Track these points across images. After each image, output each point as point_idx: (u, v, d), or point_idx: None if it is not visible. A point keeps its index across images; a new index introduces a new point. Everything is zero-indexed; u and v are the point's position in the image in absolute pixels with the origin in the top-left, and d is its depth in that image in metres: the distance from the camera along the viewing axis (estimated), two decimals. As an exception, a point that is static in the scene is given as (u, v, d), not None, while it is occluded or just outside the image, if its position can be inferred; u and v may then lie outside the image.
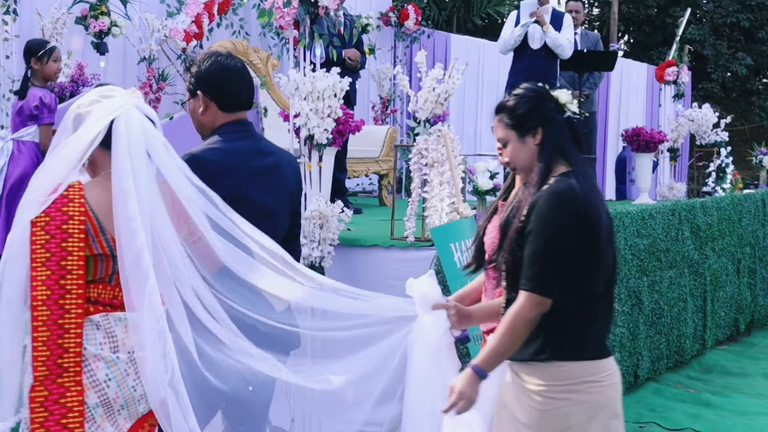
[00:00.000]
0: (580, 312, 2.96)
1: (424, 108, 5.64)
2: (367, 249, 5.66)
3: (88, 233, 2.86)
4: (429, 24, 13.46)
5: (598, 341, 3.00)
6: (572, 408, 2.91)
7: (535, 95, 3.09)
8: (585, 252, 2.92)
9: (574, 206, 2.90)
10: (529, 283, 2.92)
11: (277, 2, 5.41)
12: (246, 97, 3.60)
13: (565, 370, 2.93)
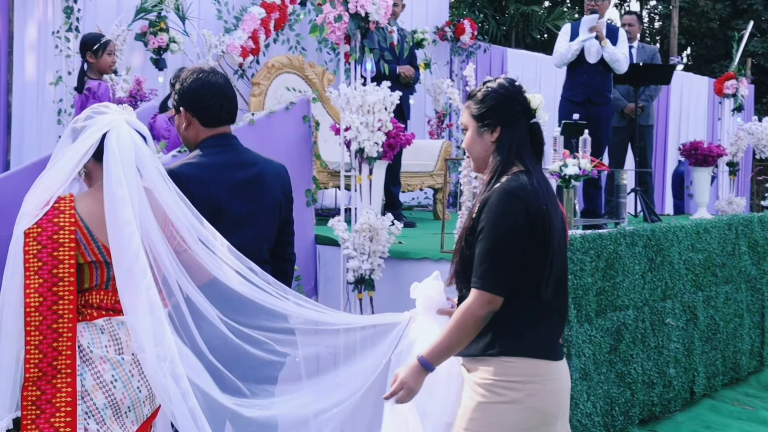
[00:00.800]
0: (531, 310, 2.95)
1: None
2: (416, 262, 5.68)
3: (80, 242, 3.03)
4: (485, 39, 13.43)
5: (548, 341, 2.98)
6: (509, 405, 2.90)
7: (505, 93, 3.06)
8: (536, 251, 2.92)
9: (525, 205, 2.90)
10: (480, 281, 2.92)
11: (329, 17, 5.47)
12: (227, 113, 3.67)
13: (511, 365, 2.92)
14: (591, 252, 5.67)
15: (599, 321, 5.74)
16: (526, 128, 3.05)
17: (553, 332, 3.01)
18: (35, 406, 2.95)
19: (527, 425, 2.91)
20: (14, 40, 7.58)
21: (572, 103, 7.94)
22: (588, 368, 5.58)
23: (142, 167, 3.11)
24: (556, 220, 2.95)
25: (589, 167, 5.87)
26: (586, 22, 7.98)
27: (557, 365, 2.97)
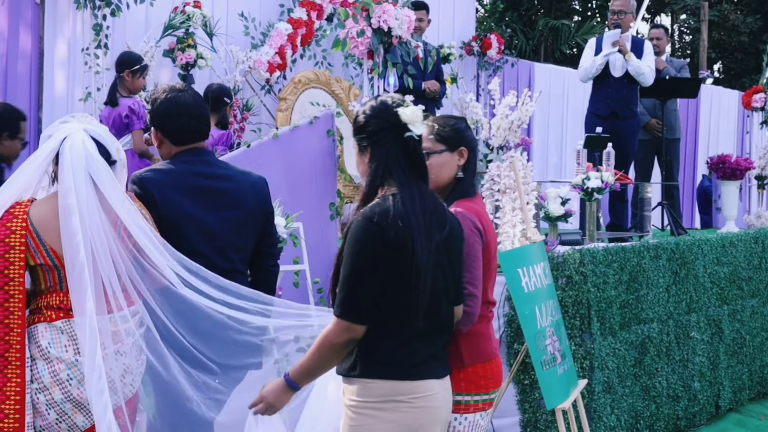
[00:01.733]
0: (394, 333, 2.91)
1: (497, 135, 5.69)
2: (439, 274, 5.69)
3: (29, 246, 3.22)
4: (513, 53, 13.46)
5: (411, 362, 2.91)
6: (378, 425, 2.88)
7: (371, 113, 2.98)
8: (400, 278, 2.86)
9: (384, 232, 2.83)
10: (338, 309, 2.89)
11: (351, 32, 5.53)
12: (195, 131, 3.71)
13: (373, 386, 2.89)
14: (614, 265, 5.66)
15: (623, 334, 5.73)
16: (398, 144, 2.93)
17: (416, 353, 2.94)
18: None
19: None
20: (44, 56, 7.69)
21: (597, 117, 7.93)
22: (612, 381, 5.57)
23: (94, 174, 3.26)
24: (423, 243, 2.87)
25: (612, 180, 5.87)
26: (609, 37, 7.98)
27: (421, 384, 2.92)
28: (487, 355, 3.33)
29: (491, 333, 3.41)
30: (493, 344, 3.40)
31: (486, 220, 3.36)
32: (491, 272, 3.40)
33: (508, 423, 5.49)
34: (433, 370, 2.97)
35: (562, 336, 4.77)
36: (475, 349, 3.30)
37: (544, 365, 4.47)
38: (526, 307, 4.48)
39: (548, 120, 12.96)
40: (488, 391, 3.32)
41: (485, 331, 3.36)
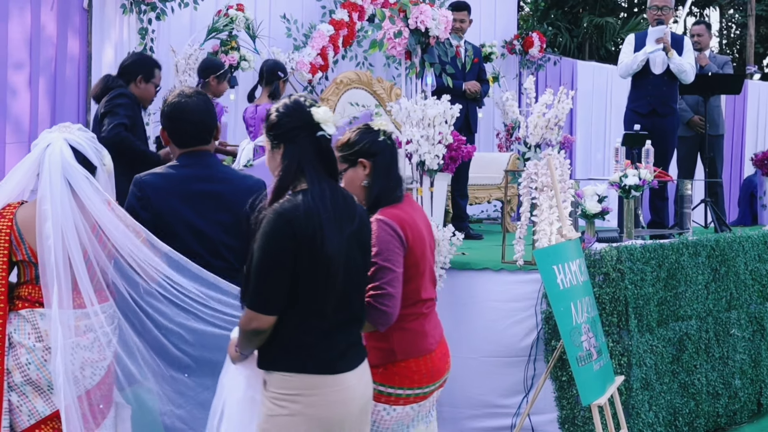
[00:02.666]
0: (309, 327, 3.00)
1: (534, 133, 5.72)
2: (478, 272, 5.75)
3: (12, 243, 3.57)
4: (555, 51, 13.45)
5: (328, 356, 3.01)
6: (292, 418, 2.97)
7: (284, 111, 3.08)
8: (311, 271, 2.96)
9: (292, 227, 2.93)
10: (247, 299, 3.01)
11: (389, 33, 5.61)
12: (192, 136, 3.84)
13: (288, 380, 2.99)
14: (652, 262, 5.68)
15: (661, 331, 5.74)
16: (311, 143, 3.03)
17: (331, 348, 3.04)
18: None
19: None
20: (92, 60, 7.86)
21: (637, 114, 7.92)
22: (649, 378, 5.59)
23: (72, 180, 3.53)
24: (333, 237, 2.97)
25: (650, 177, 5.88)
26: (653, 33, 7.96)
27: (335, 378, 3.02)
28: (420, 351, 3.47)
29: (427, 330, 3.54)
30: (428, 341, 3.53)
31: (409, 224, 3.48)
32: (421, 273, 3.53)
33: (546, 420, 5.54)
34: (349, 361, 3.08)
35: (598, 332, 4.82)
36: (407, 345, 3.45)
37: (579, 361, 4.53)
38: (562, 304, 4.54)
39: (591, 117, 12.94)
40: (422, 386, 3.48)
41: (419, 329, 3.50)
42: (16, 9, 7.43)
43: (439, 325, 3.68)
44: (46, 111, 7.62)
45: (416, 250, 3.48)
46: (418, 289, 3.52)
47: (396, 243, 3.40)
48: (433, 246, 3.66)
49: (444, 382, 3.66)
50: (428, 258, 3.60)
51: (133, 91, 5.93)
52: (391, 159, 3.56)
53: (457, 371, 5.70)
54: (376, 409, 3.46)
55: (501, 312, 5.64)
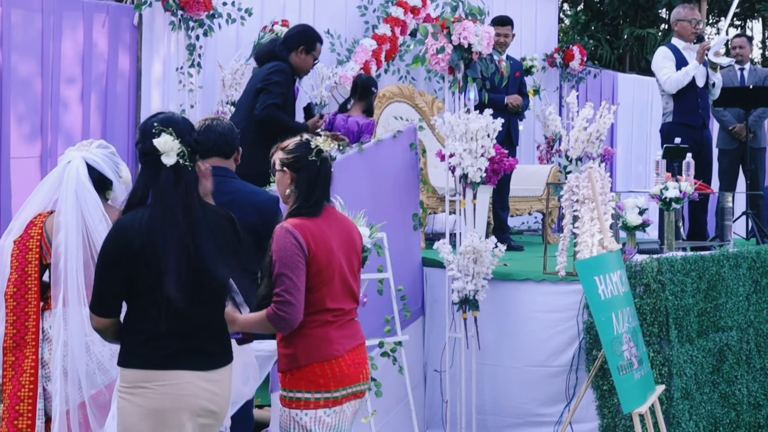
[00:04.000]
0: (143, 328, 3.27)
1: (575, 147, 5.82)
2: (519, 283, 5.86)
3: (42, 248, 4.12)
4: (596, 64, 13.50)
5: (158, 354, 3.27)
6: (131, 408, 3.26)
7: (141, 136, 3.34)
8: (144, 281, 3.22)
9: (127, 240, 3.21)
10: (90, 301, 3.37)
11: (432, 49, 5.73)
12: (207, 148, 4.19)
13: (126, 374, 3.30)
14: (692, 273, 5.75)
15: (701, 341, 5.81)
16: (158, 168, 3.29)
17: (165, 346, 3.27)
18: (12, 369, 4.07)
19: (145, 425, 3.25)
20: (142, 76, 8.06)
21: (691, 128, 7.89)
22: (689, 388, 5.66)
23: (81, 198, 4.05)
24: (169, 253, 3.21)
25: (690, 190, 5.95)
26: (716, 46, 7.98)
27: (167, 374, 3.27)
28: (324, 356, 3.64)
29: (333, 337, 3.69)
30: (334, 347, 3.67)
31: (314, 234, 3.65)
32: (326, 282, 3.68)
33: (588, 428, 5.64)
34: (187, 362, 3.30)
35: (639, 342, 4.90)
36: (310, 351, 3.64)
37: (620, 370, 4.62)
38: (603, 314, 4.64)
39: (632, 130, 12.97)
40: (329, 390, 3.64)
41: (324, 335, 3.66)
42: (69, 27, 7.65)
43: (355, 336, 3.80)
44: (97, 124, 7.83)
45: (320, 259, 3.65)
46: (324, 298, 3.68)
47: (296, 251, 3.59)
48: (352, 259, 3.82)
49: (360, 392, 3.79)
50: (340, 269, 3.74)
51: (292, 60, 6.38)
52: (316, 177, 3.74)
53: (500, 380, 5.83)
54: (290, 415, 3.66)
55: (543, 322, 5.74)
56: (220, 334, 3.45)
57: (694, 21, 8.04)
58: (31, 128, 7.43)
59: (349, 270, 3.78)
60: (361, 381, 3.75)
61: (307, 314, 3.63)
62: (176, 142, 3.27)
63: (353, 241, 3.85)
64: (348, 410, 3.73)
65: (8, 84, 7.26)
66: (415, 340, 6.19)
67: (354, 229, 3.92)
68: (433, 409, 6.19)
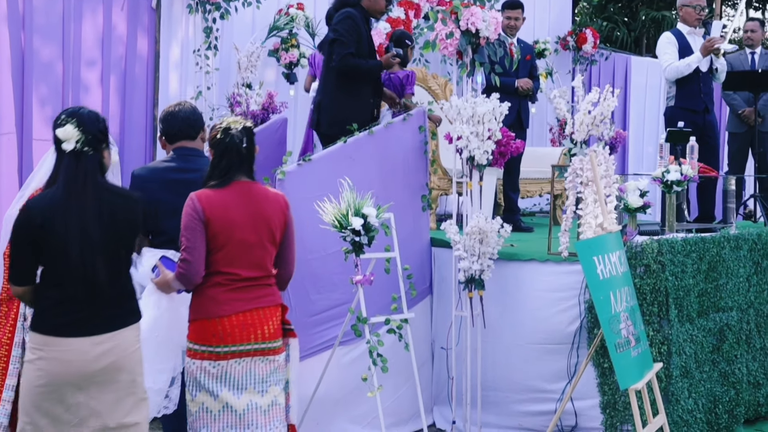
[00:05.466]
0: (49, 296, 3.69)
1: (580, 130, 5.96)
2: (524, 263, 6.01)
3: None
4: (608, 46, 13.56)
5: (56, 322, 3.67)
6: (32, 367, 3.68)
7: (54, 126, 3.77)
8: (49, 253, 3.64)
9: (31, 217, 3.64)
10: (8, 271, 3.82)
11: (441, 34, 5.87)
12: (178, 131, 4.80)
13: (31, 336, 3.72)
14: (693, 255, 5.89)
15: (701, 321, 5.95)
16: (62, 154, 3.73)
17: (63, 315, 3.68)
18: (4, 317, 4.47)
19: (39, 382, 3.65)
20: (160, 59, 8.25)
21: (692, 113, 8.03)
22: (689, 366, 5.81)
23: None
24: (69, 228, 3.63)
25: (692, 173, 6.08)
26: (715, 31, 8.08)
27: (65, 341, 3.66)
28: (209, 314, 4.09)
29: (222, 299, 4.12)
30: (222, 308, 4.11)
31: (214, 202, 4.12)
32: (221, 247, 4.12)
33: (589, 405, 5.80)
34: (80, 329, 3.69)
35: (636, 321, 5.05)
36: (198, 308, 4.14)
37: (618, 348, 4.78)
38: (601, 293, 4.79)
39: (644, 112, 13.05)
40: (211, 344, 4.08)
41: (215, 296, 4.12)
42: (88, 10, 7.84)
43: (254, 301, 4.19)
44: (116, 106, 8.03)
45: (215, 225, 4.09)
46: (218, 261, 4.12)
47: (194, 215, 4.09)
48: (261, 231, 4.20)
49: (255, 351, 4.15)
50: (240, 238, 4.15)
51: (363, 3, 6.59)
52: (222, 152, 4.22)
53: (504, 357, 6.00)
54: (187, 362, 4.18)
55: (546, 301, 5.90)
56: (118, 299, 3.81)
57: (699, 7, 8.14)
58: (53, 111, 7.61)
59: (257, 241, 4.18)
60: (252, 341, 4.13)
61: (204, 275, 4.12)
62: (76, 131, 3.71)
63: (265, 215, 4.22)
64: (238, 365, 4.13)
65: (30, 67, 7.47)
66: (423, 319, 6.36)
67: (273, 204, 4.28)
68: (440, 386, 6.36)
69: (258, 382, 4.18)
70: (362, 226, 4.96)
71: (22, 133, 7.41)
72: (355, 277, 5.13)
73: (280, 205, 4.31)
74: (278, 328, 4.26)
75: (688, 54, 8.13)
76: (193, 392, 4.15)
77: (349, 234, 4.98)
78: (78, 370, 3.68)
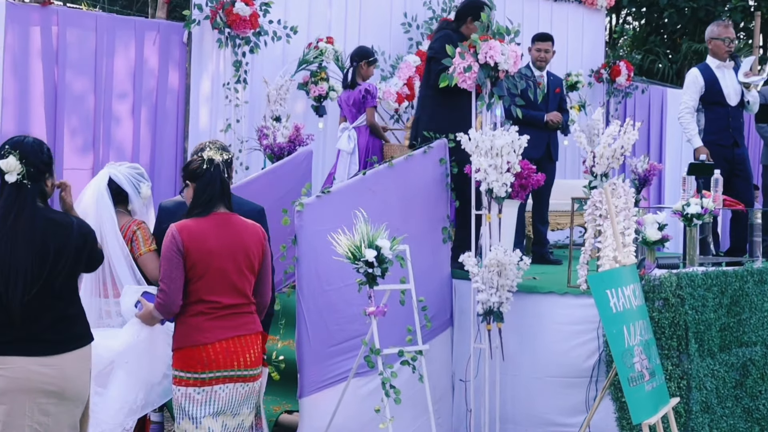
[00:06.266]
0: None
1: (600, 163, 5.95)
2: (544, 295, 5.99)
3: None
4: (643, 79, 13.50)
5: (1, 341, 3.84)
6: None
7: None
8: None
9: None
10: None
11: (458, 68, 5.90)
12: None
13: None
14: (714, 288, 5.83)
15: (723, 356, 5.88)
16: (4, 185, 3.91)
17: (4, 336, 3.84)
18: None
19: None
20: (191, 92, 8.38)
21: (721, 147, 7.95)
22: (710, 401, 5.73)
23: (99, 201, 5.02)
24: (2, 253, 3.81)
25: (712, 206, 6.04)
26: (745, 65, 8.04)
27: (6, 359, 3.83)
28: (194, 342, 4.27)
29: (206, 327, 4.30)
30: (205, 335, 4.29)
31: (193, 232, 4.31)
32: (201, 276, 4.30)
33: (607, 439, 5.74)
34: (22, 349, 3.86)
35: (651, 355, 5.01)
36: (183, 336, 4.31)
37: (631, 382, 4.74)
38: (614, 327, 4.76)
39: (682, 144, 12.94)
40: (196, 371, 4.27)
41: (198, 324, 4.30)
42: (121, 45, 8.01)
43: (236, 328, 4.37)
44: (146, 138, 8.18)
45: (193, 254, 4.26)
46: (199, 290, 4.29)
47: (172, 246, 4.27)
48: (239, 260, 4.37)
49: (237, 377, 4.34)
50: (219, 266, 4.32)
51: (463, 32, 6.80)
52: (207, 183, 4.41)
53: (523, 390, 5.97)
54: (173, 389, 4.35)
55: (565, 334, 5.87)
56: (57, 325, 3.94)
57: (728, 39, 8.08)
58: (84, 142, 7.81)
59: (235, 269, 4.33)
60: (235, 367, 4.29)
61: (186, 304, 4.30)
62: (18, 164, 3.88)
63: (243, 244, 4.38)
64: (222, 391, 4.29)
65: (63, 99, 7.65)
66: (443, 350, 6.36)
67: (251, 234, 4.45)
68: (460, 418, 6.34)
69: (235, 406, 4.37)
70: (375, 257, 4.98)
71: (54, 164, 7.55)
72: (368, 309, 5.15)
73: (258, 236, 4.49)
74: (259, 356, 4.45)
75: (716, 89, 8.04)
76: (177, 419, 4.32)
77: (362, 266, 5.01)
78: (23, 386, 3.83)
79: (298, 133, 7.98)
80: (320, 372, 5.67)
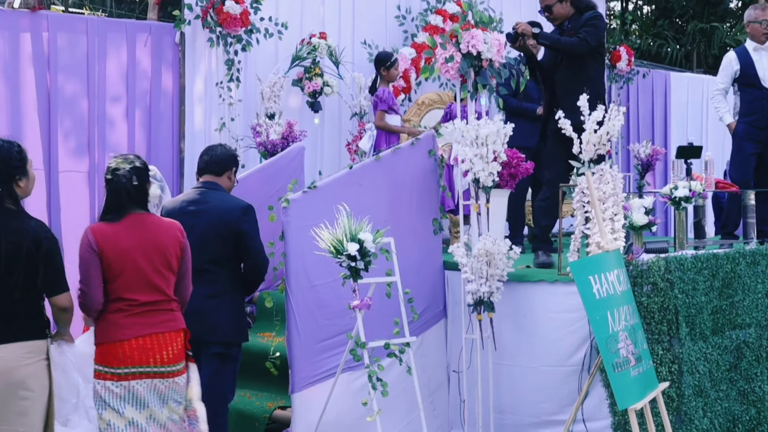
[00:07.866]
0: None
1: (587, 149, 5.91)
2: (534, 284, 5.97)
3: None
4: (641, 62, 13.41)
5: None
6: None
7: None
8: None
9: None
10: None
11: (440, 59, 5.89)
12: (203, 167, 5.63)
13: None
14: (704, 272, 5.80)
15: (716, 339, 5.85)
16: None
17: None
18: None
19: None
20: (185, 92, 8.39)
21: (756, 128, 7.90)
22: (703, 385, 5.70)
23: None
24: None
25: (700, 188, 5.99)
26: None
27: None
28: (111, 338, 4.40)
29: (124, 323, 4.44)
30: (123, 332, 4.42)
31: (106, 235, 4.45)
32: (117, 276, 4.44)
33: (600, 426, 5.72)
34: None
35: (638, 340, 4.98)
36: (102, 332, 4.45)
37: (615, 367, 4.71)
38: (597, 312, 4.74)
39: (686, 129, 12.88)
40: (113, 366, 4.39)
41: (116, 320, 4.44)
42: (112, 48, 8.02)
43: (155, 325, 4.49)
44: (141, 140, 8.18)
45: (108, 254, 4.41)
46: (118, 289, 4.44)
47: (88, 248, 4.42)
48: (153, 258, 4.52)
49: (154, 373, 4.45)
50: (134, 265, 4.47)
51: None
52: (113, 191, 4.53)
53: (517, 380, 5.96)
54: (93, 383, 4.45)
55: (557, 322, 5.85)
56: (7, 316, 4.15)
57: (765, 22, 8.03)
58: (78, 144, 7.82)
59: (151, 267, 4.49)
60: (151, 364, 4.42)
61: (107, 302, 4.44)
62: None
63: (159, 242, 4.53)
64: (139, 386, 4.41)
65: (56, 103, 7.67)
66: (438, 342, 6.35)
67: (168, 233, 4.61)
68: (455, 409, 6.33)
69: (158, 400, 4.47)
70: (358, 251, 4.98)
71: (49, 167, 7.58)
72: (353, 302, 5.14)
73: (175, 234, 4.65)
74: (179, 352, 4.55)
75: (751, 72, 7.99)
76: (100, 411, 4.44)
77: (345, 260, 5.01)
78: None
79: (291, 129, 7.98)
80: (311, 367, 5.67)
